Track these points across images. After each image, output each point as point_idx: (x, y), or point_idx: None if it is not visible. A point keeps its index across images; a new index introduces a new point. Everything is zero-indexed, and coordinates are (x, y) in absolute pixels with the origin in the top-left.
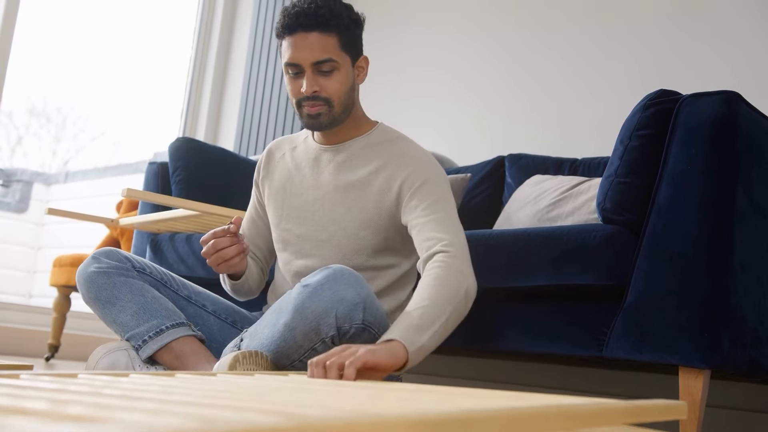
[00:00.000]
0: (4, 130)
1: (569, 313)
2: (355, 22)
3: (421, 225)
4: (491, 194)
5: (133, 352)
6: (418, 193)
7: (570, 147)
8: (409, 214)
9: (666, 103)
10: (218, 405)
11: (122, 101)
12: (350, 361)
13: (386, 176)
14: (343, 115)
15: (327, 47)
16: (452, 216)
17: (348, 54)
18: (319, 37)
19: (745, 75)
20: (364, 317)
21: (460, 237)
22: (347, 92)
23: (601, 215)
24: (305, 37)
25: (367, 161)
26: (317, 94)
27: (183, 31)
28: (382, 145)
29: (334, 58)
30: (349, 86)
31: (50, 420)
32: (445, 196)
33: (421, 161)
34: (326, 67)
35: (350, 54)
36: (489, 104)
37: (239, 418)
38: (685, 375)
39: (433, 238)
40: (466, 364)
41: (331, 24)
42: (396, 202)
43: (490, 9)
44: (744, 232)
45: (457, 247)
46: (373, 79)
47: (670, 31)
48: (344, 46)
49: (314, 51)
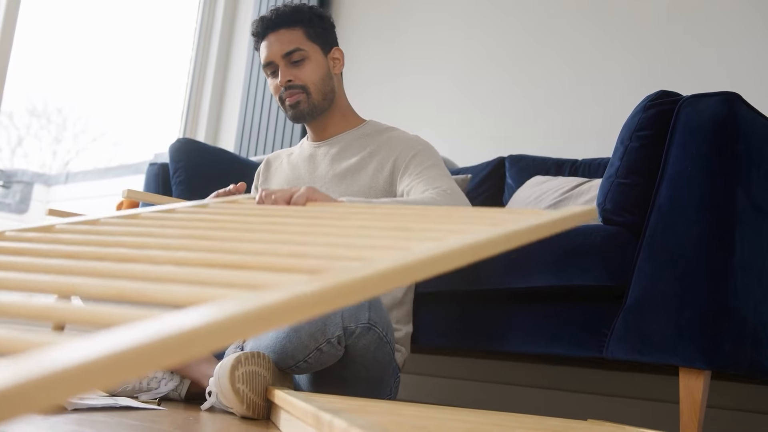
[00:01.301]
0: (5, 131)
1: (570, 314)
2: (318, 16)
3: (417, 182)
4: (492, 195)
5: None
6: (411, 163)
7: (570, 148)
8: (404, 181)
9: (666, 104)
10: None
11: (123, 102)
12: (298, 195)
13: (379, 159)
14: (324, 103)
15: (293, 39)
16: (447, 174)
17: (316, 44)
18: (285, 32)
19: (745, 76)
20: (370, 317)
21: (457, 188)
22: (322, 79)
23: (602, 216)
24: (273, 36)
25: (361, 149)
26: (292, 83)
27: (183, 32)
28: (373, 134)
29: (301, 47)
30: (323, 73)
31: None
32: (438, 162)
33: (411, 140)
34: (296, 56)
35: (319, 44)
36: (489, 105)
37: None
38: (685, 376)
39: (431, 187)
40: (467, 364)
41: (293, 19)
42: (390, 179)
43: (490, 10)
44: (744, 233)
45: (456, 191)
46: (372, 80)
47: (670, 32)
48: (311, 37)
49: (282, 44)
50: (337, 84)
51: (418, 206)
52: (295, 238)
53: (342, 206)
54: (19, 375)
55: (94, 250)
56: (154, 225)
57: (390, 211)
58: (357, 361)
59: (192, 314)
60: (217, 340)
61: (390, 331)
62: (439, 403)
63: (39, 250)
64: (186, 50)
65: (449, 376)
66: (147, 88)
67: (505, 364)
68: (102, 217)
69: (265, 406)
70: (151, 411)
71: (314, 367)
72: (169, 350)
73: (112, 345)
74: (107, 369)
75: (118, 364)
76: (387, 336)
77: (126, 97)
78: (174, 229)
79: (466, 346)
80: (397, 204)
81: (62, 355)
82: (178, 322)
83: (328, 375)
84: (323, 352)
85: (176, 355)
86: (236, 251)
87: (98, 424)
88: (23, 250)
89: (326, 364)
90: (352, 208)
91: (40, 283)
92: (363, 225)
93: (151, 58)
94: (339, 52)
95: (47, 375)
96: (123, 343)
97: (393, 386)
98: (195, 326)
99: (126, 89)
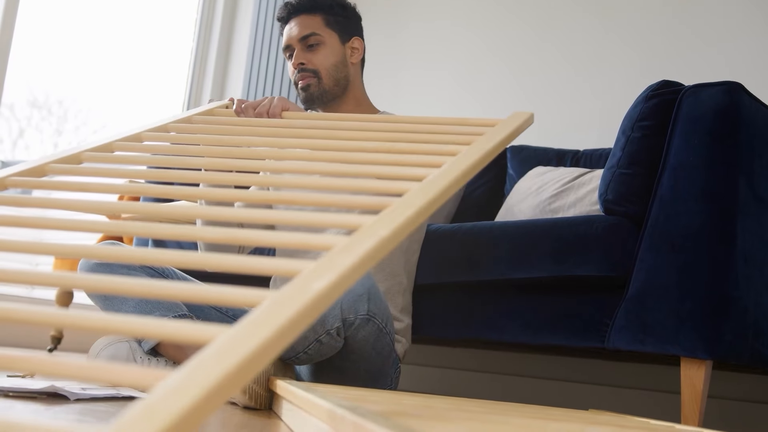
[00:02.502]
0: (6, 122)
1: (571, 305)
2: (340, 5)
3: None
4: (493, 186)
5: (135, 344)
6: None
7: (572, 138)
8: None
9: (668, 94)
10: None
11: (124, 94)
12: (273, 105)
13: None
14: (336, 89)
15: (311, 24)
16: None
17: (334, 31)
18: (304, 17)
19: (746, 66)
20: (369, 308)
21: None
22: (335, 65)
23: (603, 206)
24: (294, 21)
25: None
26: (305, 67)
27: (184, 22)
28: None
29: (317, 32)
30: (337, 60)
31: None
32: None
33: None
34: (311, 40)
35: (337, 32)
36: (489, 97)
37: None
38: (687, 366)
39: None
40: (468, 355)
41: (314, 5)
42: None
43: (490, 3)
44: (746, 223)
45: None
46: (373, 74)
47: (671, 23)
48: (329, 24)
49: (300, 29)
50: (353, 73)
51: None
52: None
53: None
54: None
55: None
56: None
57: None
58: (356, 352)
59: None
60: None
61: (390, 322)
62: (440, 393)
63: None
64: (187, 41)
65: (451, 367)
66: (148, 79)
67: (506, 355)
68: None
69: (267, 396)
70: None
71: (314, 358)
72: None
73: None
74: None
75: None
76: (386, 327)
77: (127, 88)
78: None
79: (467, 336)
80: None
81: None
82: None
83: (328, 365)
84: (323, 343)
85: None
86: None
87: (101, 414)
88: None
89: (326, 356)
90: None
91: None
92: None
93: (152, 50)
94: (359, 42)
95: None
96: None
97: (393, 377)
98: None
99: (127, 81)
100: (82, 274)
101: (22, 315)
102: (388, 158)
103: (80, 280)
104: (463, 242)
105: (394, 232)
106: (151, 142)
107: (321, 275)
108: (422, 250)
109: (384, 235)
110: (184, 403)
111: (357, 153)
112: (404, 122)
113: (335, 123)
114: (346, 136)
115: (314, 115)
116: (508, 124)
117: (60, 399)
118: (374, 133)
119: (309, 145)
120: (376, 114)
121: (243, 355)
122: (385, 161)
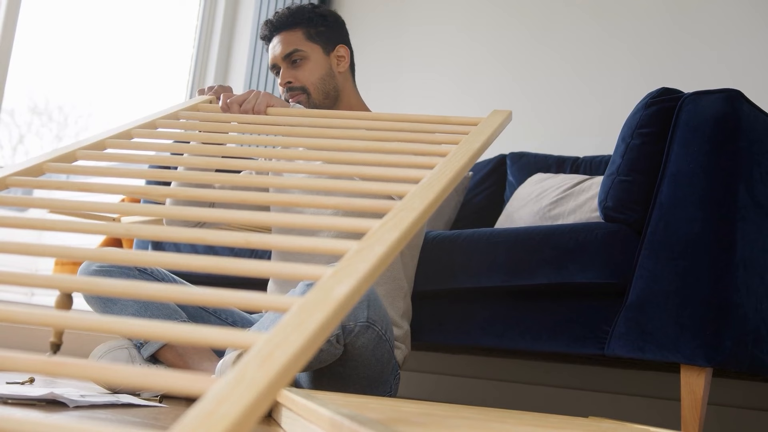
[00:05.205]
0: (6, 128)
1: (571, 312)
2: (320, 15)
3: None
4: (493, 193)
5: (134, 351)
6: None
7: (572, 145)
8: None
9: (668, 101)
10: None
11: (124, 99)
12: (258, 102)
13: None
14: (327, 102)
15: (292, 41)
16: None
17: (317, 44)
18: (285, 34)
19: (746, 73)
20: (369, 315)
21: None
22: (322, 78)
23: (603, 213)
24: (276, 39)
25: None
26: (292, 85)
27: (184, 29)
28: None
29: (300, 48)
30: (323, 73)
31: None
32: None
33: None
34: (295, 56)
35: (320, 43)
36: (490, 102)
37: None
38: (687, 373)
39: None
40: (468, 361)
41: (292, 21)
42: None
43: (490, 7)
44: (746, 231)
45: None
46: (373, 78)
47: (672, 29)
48: (310, 38)
49: (283, 46)
50: (342, 81)
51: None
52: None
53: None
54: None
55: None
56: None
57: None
58: (356, 359)
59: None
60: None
61: (389, 329)
62: (440, 400)
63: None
64: (187, 47)
65: (450, 374)
66: (148, 85)
67: (505, 362)
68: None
69: None
70: (152, 408)
71: (313, 365)
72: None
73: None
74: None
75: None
76: (386, 334)
77: (127, 95)
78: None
79: (466, 343)
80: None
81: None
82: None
83: (327, 372)
84: (322, 350)
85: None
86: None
87: (100, 421)
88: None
89: (325, 362)
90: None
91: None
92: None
93: (153, 55)
94: (344, 50)
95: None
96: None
97: (393, 383)
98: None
99: (127, 87)
100: (83, 276)
101: (22, 316)
102: (378, 158)
103: (82, 283)
104: (463, 249)
105: (401, 236)
106: (141, 139)
107: (341, 280)
108: (422, 257)
109: (393, 240)
110: (238, 408)
111: (347, 153)
112: (386, 120)
113: (320, 121)
114: (334, 135)
115: (298, 111)
116: (490, 123)
117: (59, 406)
118: (360, 131)
119: (300, 143)
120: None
121: (284, 359)
122: (375, 161)
